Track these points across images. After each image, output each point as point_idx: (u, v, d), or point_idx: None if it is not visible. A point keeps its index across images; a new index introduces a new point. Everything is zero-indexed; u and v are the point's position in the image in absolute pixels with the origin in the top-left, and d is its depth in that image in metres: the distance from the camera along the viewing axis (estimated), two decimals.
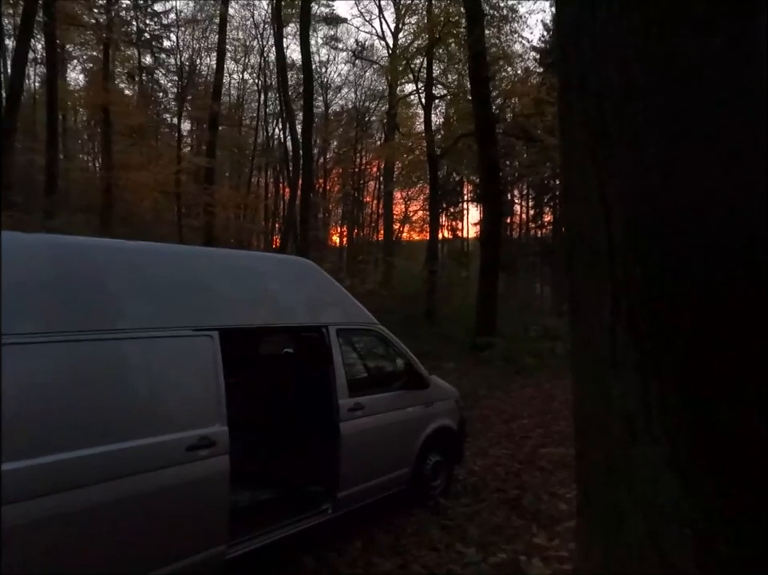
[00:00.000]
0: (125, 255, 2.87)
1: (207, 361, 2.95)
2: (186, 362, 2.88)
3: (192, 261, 3.16)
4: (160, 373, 2.75)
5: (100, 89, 22.11)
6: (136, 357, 2.68)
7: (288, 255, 3.98)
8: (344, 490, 3.72)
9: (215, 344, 3.00)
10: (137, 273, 2.84)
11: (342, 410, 3.69)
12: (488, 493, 4.68)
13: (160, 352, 2.77)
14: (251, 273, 3.46)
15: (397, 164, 27.19)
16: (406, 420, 4.24)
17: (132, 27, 26.77)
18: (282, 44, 20.70)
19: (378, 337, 4.28)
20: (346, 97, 35.74)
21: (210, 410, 2.90)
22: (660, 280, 1.17)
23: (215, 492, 2.87)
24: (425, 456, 4.46)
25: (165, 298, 2.90)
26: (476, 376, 10.78)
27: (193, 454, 2.77)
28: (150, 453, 2.61)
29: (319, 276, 3.93)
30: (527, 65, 23.95)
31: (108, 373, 2.57)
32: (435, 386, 4.63)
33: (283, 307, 3.55)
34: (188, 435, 2.77)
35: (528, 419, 7.76)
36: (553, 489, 4.64)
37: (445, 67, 22.74)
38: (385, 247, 28.02)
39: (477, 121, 13.49)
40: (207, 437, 2.84)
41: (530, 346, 13.62)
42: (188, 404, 2.83)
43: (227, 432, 2.94)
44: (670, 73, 1.08)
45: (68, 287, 2.53)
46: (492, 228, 14.18)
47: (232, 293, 3.26)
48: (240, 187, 30.18)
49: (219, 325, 3.06)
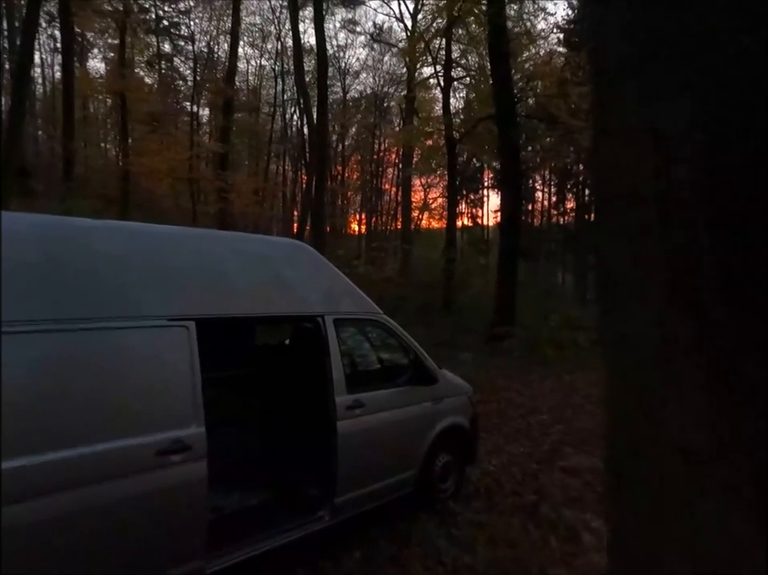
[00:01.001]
0: (84, 234, 2.54)
1: (181, 355, 2.62)
2: (157, 356, 2.56)
3: (165, 243, 2.82)
4: (125, 368, 2.43)
5: (118, 76, 22.06)
6: (97, 350, 2.36)
7: (281, 238, 3.62)
8: (342, 495, 3.39)
9: (192, 336, 2.67)
10: (99, 255, 2.51)
11: (340, 408, 3.35)
12: (503, 497, 4.30)
13: (127, 345, 2.45)
14: (236, 257, 3.11)
15: (416, 151, 26.62)
16: (412, 418, 3.88)
17: (151, 15, 26.67)
18: (297, 28, 20.24)
19: (381, 327, 3.91)
20: (365, 83, 35.08)
21: (185, 409, 2.58)
22: (747, 245, 0.78)
23: (190, 501, 2.56)
24: (434, 457, 4.11)
25: (134, 284, 2.57)
26: (493, 367, 10.36)
27: (164, 460, 2.46)
28: (112, 459, 2.31)
29: (315, 261, 3.57)
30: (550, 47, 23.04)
31: (63, 368, 2.26)
32: (445, 381, 4.26)
33: (272, 295, 3.21)
34: (159, 438, 2.46)
35: (548, 414, 7.34)
36: (574, 494, 4.24)
37: (464, 48, 22.04)
38: (403, 235, 27.54)
39: (497, 101, 12.90)
40: (181, 440, 2.52)
41: (551, 337, 13.09)
42: (158, 403, 2.51)
43: (204, 434, 2.62)
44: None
45: (14, 270, 2.21)
46: (512, 213, 13.63)
47: (213, 279, 2.92)
48: (259, 174, 29.94)
49: (195, 314, 2.73)
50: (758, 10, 0.72)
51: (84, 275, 2.41)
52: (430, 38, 20.42)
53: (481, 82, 21.17)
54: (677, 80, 0.80)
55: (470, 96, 24.23)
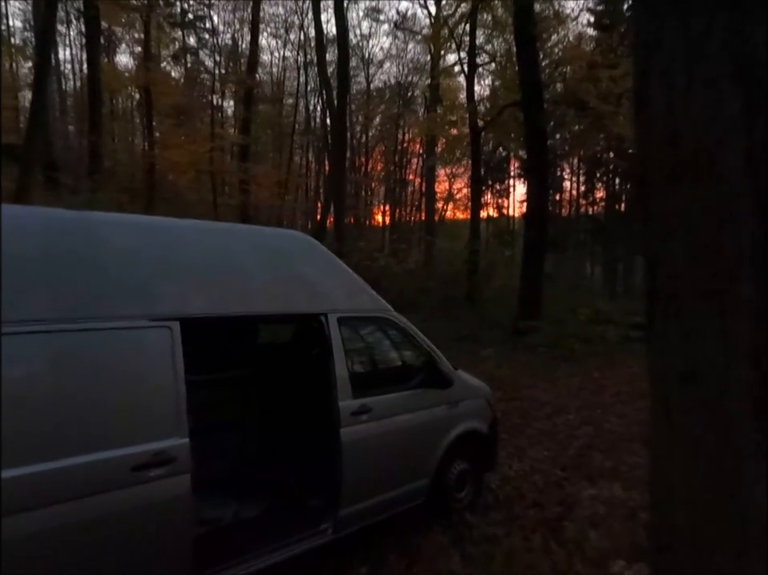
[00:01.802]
0: (55, 227, 2.31)
1: (163, 358, 2.39)
2: (136, 360, 2.33)
3: (148, 236, 2.58)
4: (98, 374, 2.21)
5: (143, 70, 22.21)
6: (67, 354, 2.15)
7: (280, 229, 3.35)
8: (347, 507, 3.14)
9: (175, 337, 2.43)
10: (70, 250, 2.29)
11: (344, 414, 3.08)
12: (524, 508, 3.98)
13: (101, 348, 2.23)
14: (231, 251, 2.86)
15: (441, 141, 26.10)
16: (424, 424, 3.59)
17: (176, 8, 26.77)
18: (320, 16, 19.99)
19: (390, 326, 3.62)
20: (388, 72, 34.61)
21: (166, 419, 2.35)
22: None
23: (172, 519, 2.34)
24: (449, 465, 3.81)
25: (112, 281, 2.34)
26: (517, 363, 9.97)
27: (142, 475, 2.23)
28: (83, 475, 2.09)
29: (318, 254, 3.30)
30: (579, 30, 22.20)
31: (27, 375, 2.04)
32: (461, 383, 3.95)
33: (269, 292, 2.95)
34: (136, 451, 2.23)
35: (574, 414, 6.95)
36: (603, 509, 3.89)
37: (489, 33, 21.41)
38: (426, 226, 27.11)
39: (523, 86, 12.38)
40: (162, 452, 2.29)
41: (578, 331, 12.59)
42: (136, 413, 2.28)
43: (188, 445, 2.38)
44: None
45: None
46: (538, 203, 13.13)
47: (202, 275, 2.68)
48: (283, 166, 29.86)
49: (180, 314, 2.49)
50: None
51: (51, 272, 2.19)
52: (455, 24, 19.86)
53: (507, 68, 20.55)
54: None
55: (495, 83, 23.60)
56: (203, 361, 3.40)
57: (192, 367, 2.72)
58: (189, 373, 2.57)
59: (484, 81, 25.58)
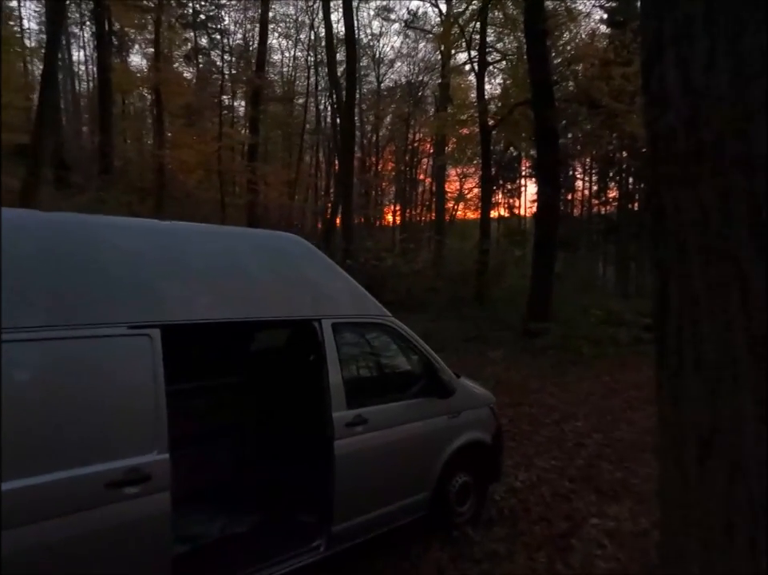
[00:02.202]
0: (36, 229, 2.19)
1: (142, 368, 2.25)
2: (111, 369, 2.20)
3: (130, 238, 2.45)
4: (69, 385, 2.08)
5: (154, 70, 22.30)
6: (36, 363, 2.02)
7: (273, 231, 3.21)
8: (341, 523, 2.99)
9: (155, 345, 2.30)
10: (49, 253, 2.17)
11: (338, 426, 2.94)
12: (529, 523, 3.81)
13: (73, 357, 2.10)
14: (217, 254, 2.72)
15: (451, 140, 25.87)
16: (424, 435, 3.43)
17: (188, 9, 26.87)
18: (329, 16, 19.88)
19: (388, 332, 3.46)
20: (399, 71, 34.39)
21: (144, 433, 2.22)
22: None
23: (148, 540, 2.20)
24: (450, 477, 3.65)
25: (87, 286, 2.21)
26: (526, 366, 9.76)
27: (116, 493, 2.10)
28: (52, 494, 1.96)
29: (312, 257, 3.15)
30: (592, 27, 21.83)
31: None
32: (463, 392, 3.78)
33: (259, 296, 2.81)
34: (110, 468, 2.10)
35: (584, 421, 6.74)
36: (611, 524, 3.70)
37: (500, 31, 21.14)
38: (436, 226, 26.89)
39: (534, 83, 12.15)
40: (138, 469, 2.16)
41: (589, 333, 12.33)
42: (111, 427, 2.15)
43: (167, 461, 2.25)
44: None
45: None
46: (549, 202, 12.88)
47: (188, 279, 2.54)
48: (293, 165, 29.82)
49: (161, 320, 2.36)
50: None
51: (31, 279, 2.05)
52: (465, 22, 19.64)
53: (518, 66, 20.26)
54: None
55: (506, 81, 23.30)
56: (190, 368, 3.27)
57: (179, 375, 2.60)
58: (175, 381, 2.44)
59: (494, 79, 25.29)
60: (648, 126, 0.61)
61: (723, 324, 0.52)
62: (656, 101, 0.59)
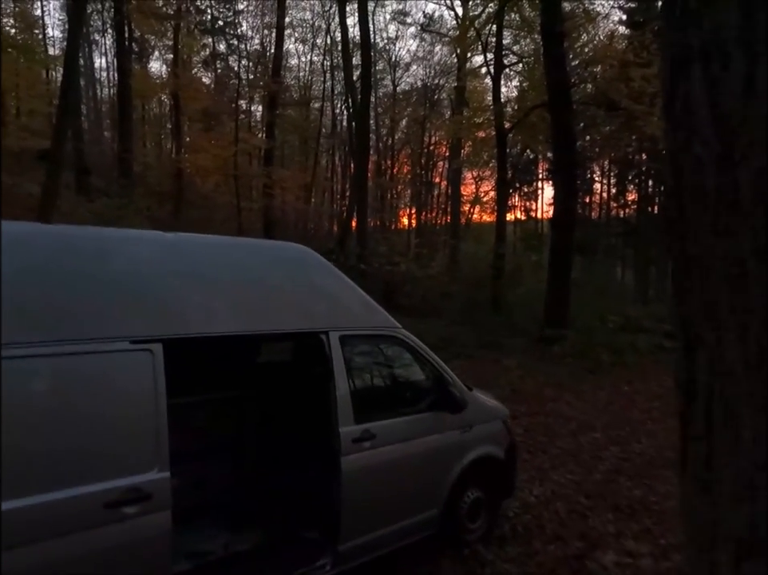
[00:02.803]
0: (36, 243, 2.16)
1: (144, 384, 2.21)
2: (112, 385, 2.16)
3: (138, 252, 2.41)
4: (68, 402, 2.04)
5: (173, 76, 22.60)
6: (35, 379, 1.98)
7: (281, 242, 3.16)
8: (348, 541, 2.91)
9: (157, 361, 2.25)
10: (51, 267, 2.13)
11: (345, 441, 2.86)
12: (543, 542, 3.68)
13: (73, 373, 2.06)
14: (224, 266, 2.67)
15: (467, 143, 25.73)
16: (434, 450, 3.34)
17: (207, 15, 27.24)
18: (345, 20, 19.90)
19: (398, 344, 3.37)
20: (415, 75, 34.27)
21: (144, 451, 2.17)
22: None
23: (148, 562, 2.15)
24: (461, 493, 3.55)
25: (88, 299, 2.18)
26: (542, 374, 9.58)
27: (115, 513, 2.05)
28: (50, 514, 1.92)
29: (321, 269, 3.08)
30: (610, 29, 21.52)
31: None
32: (476, 405, 3.68)
33: (266, 309, 2.76)
34: (110, 487, 2.06)
35: (601, 432, 6.56)
36: (631, 547, 3.56)
37: (516, 33, 20.98)
38: (452, 229, 26.74)
39: (550, 85, 11.98)
40: (139, 488, 2.11)
41: (607, 340, 12.09)
42: (110, 444, 2.11)
43: (167, 480, 2.20)
44: None
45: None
46: (567, 205, 12.67)
47: (192, 292, 2.49)
48: (309, 169, 29.95)
49: (164, 334, 2.31)
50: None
51: (28, 294, 2.02)
52: (481, 25, 19.52)
53: (535, 69, 20.07)
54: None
55: (523, 84, 23.11)
56: (192, 381, 3.23)
57: (181, 388, 2.55)
58: (177, 394, 2.39)
59: (511, 82, 25.17)
60: (670, 156, 0.52)
61: (763, 406, 0.43)
62: (679, 127, 0.50)
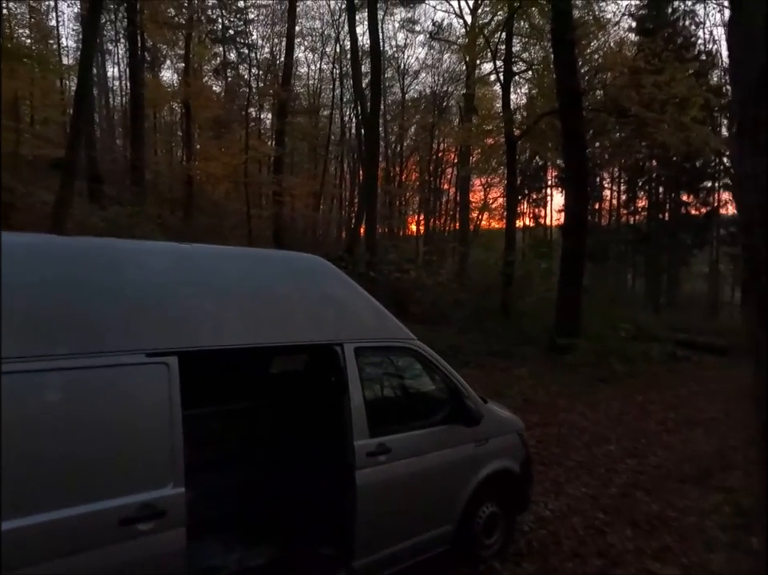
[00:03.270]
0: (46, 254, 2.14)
1: (159, 398, 2.18)
2: (128, 399, 2.13)
3: (153, 264, 2.39)
4: (81, 416, 2.01)
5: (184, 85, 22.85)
6: (49, 393, 1.96)
7: (295, 252, 3.13)
8: (362, 557, 2.86)
9: (173, 374, 2.23)
10: (66, 279, 2.12)
11: (359, 455, 2.82)
12: (560, 559, 3.60)
13: (88, 387, 2.03)
14: (238, 277, 2.65)
15: (476, 150, 25.72)
16: (449, 464, 3.28)
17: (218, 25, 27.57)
18: (355, 29, 20.02)
19: (413, 356, 3.33)
20: (424, 82, 34.39)
21: (159, 466, 2.14)
22: None
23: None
24: (476, 508, 3.49)
25: (102, 312, 2.15)
26: (554, 384, 9.48)
27: (130, 530, 2.02)
28: (64, 531, 1.89)
29: (334, 279, 3.05)
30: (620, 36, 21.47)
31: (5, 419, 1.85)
32: (491, 417, 3.62)
33: (281, 321, 2.72)
34: (124, 503, 2.03)
35: (616, 444, 6.46)
36: (652, 566, 3.47)
37: (525, 41, 20.98)
38: (461, 236, 26.68)
39: (561, 92, 11.95)
40: (152, 504, 2.08)
41: (619, 349, 11.96)
42: (125, 460, 2.07)
43: (182, 495, 2.16)
44: None
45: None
46: (578, 212, 12.60)
47: (207, 304, 2.46)
48: (318, 176, 30.09)
49: (179, 347, 2.28)
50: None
51: (28, 303, 1.99)
52: (491, 32, 19.56)
53: (544, 76, 20.05)
54: None
55: (532, 91, 23.08)
56: (205, 392, 3.21)
57: (194, 399, 2.52)
58: (190, 405, 2.36)
59: (520, 89, 25.11)
60: (742, 191, 0.48)
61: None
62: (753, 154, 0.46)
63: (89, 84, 13.16)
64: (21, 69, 15.95)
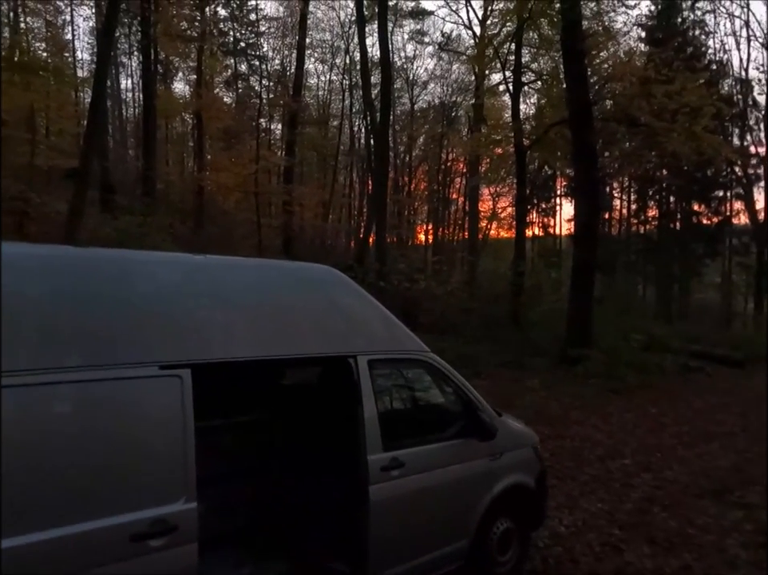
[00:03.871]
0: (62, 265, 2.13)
1: (172, 411, 2.16)
2: (140, 412, 2.11)
3: (165, 275, 2.37)
4: (91, 430, 1.98)
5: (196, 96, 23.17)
6: (60, 406, 1.94)
7: (307, 263, 3.11)
8: (376, 573, 2.81)
9: (186, 387, 2.20)
10: (78, 291, 2.11)
11: (373, 469, 2.77)
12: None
13: (100, 399, 2.02)
14: (250, 288, 2.63)
15: (485, 160, 25.74)
16: (464, 479, 3.22)
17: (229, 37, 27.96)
18: (364, 40, 20.20)
19: (427, 369, 3.29)
20: (433, 93, 34.55)
21: (171, 481, 2.11)
22: None
23: None
24: (491, 524, 3.42)
25: (112, 324, 2.13)
26: (566, 395, 9.36)
27: (141, 546, 1.99)
28: (73, 547, 1.86)
29: (347, 290, 3.03)
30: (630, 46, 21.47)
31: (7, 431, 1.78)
32: (505, 431, 3.56)
33: (293, 332, 2.70)
34: (135, 519, 1.99)
35: (631, 458, 6.34)
36: None
37: (535, 51, 21.05)
38: (470, 246, 26.62)
39: (571, 103, 11.94)
40: (164, 520, 2.04)
41: (632, 360, 11.79)
42: (137, 473, 2.05)
43: (194, 511, 2.13)
44: None
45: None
46: (588, 222, 12.52)
47: (219, 316, 2.44)
48: (327, 186, 30.25)
49: (193, 359, 2.26)
50: None
51: (38, 315, 1.97)
52: (500, 43, 19.63)
53: (554, 86, 20.08)
54: None
55: (541, 101, 23.11)
56: (216, 404, 3.18)
57: (204, 411, 2.50)
58: (201, 418, 2.33)
59: (529, 99, 25.15)
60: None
61: None
62: None
63: (103, 96, 13.37)
64: (37, 81, 16.21)
